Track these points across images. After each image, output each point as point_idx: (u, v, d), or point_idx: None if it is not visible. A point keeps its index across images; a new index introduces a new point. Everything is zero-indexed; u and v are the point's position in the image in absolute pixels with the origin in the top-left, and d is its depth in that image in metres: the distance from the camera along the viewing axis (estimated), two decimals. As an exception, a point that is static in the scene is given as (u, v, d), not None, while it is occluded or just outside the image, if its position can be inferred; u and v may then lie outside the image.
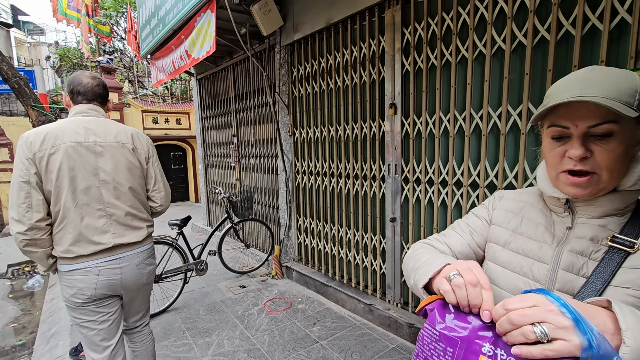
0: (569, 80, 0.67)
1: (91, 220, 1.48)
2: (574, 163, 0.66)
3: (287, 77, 3.67)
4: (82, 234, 1.46)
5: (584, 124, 0.64)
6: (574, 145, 0.65)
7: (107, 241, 1.50)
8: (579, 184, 0.66)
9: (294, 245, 3.90)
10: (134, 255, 1.60)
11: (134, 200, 1.61)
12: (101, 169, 1.51)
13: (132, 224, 1.60)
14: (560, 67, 1.81)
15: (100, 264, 1.50)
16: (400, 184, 2.65)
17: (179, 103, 9.95)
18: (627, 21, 1.57)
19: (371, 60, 2.78)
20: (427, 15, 2.34)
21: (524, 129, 1.94)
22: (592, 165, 0.65)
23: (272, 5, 3.40)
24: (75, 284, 1.47)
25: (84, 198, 1.47)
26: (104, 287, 1.52)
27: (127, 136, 1.61)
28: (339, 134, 3.16)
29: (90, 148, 1.49)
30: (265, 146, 4.26)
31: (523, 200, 0.86)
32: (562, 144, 0.68)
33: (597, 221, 0.71)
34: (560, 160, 0.68)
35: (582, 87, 0.63)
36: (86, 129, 1.50)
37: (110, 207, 1.53)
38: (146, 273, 1.68)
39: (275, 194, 4.18)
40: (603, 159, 0.64)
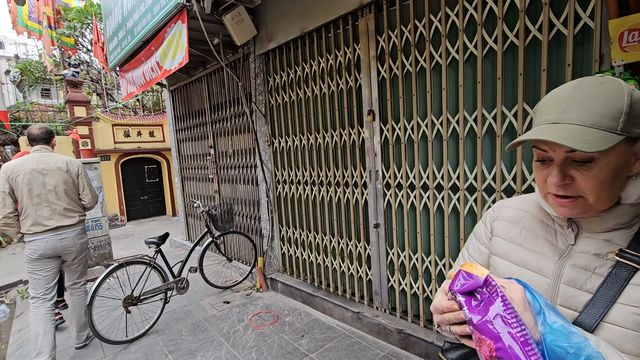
0: (553, 97, 0.65)
1: (42, 212, 2.56)
2: (556, 189, 0.65)
3: (263, 86, 3.63)
4: (37, 220, 2.54)
5: (561, 149, 0.62)
6: (552, 172, 0.65)
7: (51, 224, 2.58)
8: (565, 205, 0.66)
9: (278, 256, 3.83)
10: (69, 232, 2.66)
11: (69, 200, 2.68)
12: (47, 183, 2.59)
13: (68, 215, 2.66)
14: (530, 71, 1.88)
15: (47, 237, 2.56)
16: (382, 189, 2.65)
17: (151, 115, 9.67)
18: (590, 26, 1.65)
19: (347, 67, 2.80)
20: (400, 24, 2.37)
21: (499, 131, 1.99)
22: (575, 190, 0.64)
23: (245, 15, 3.37)
24: (33, 247, 2.53)
25: (36, 199, 2.54)
26: (50, 250, 2.57)
27: (63, 163, 2.68)
28: (318, 141, 3.14)
29: (40, 171, 2.58)
30: (244, 156, 4.18)
31: (524, 209, 0.83)
32: (545, 167, 0.67)
33: (601, 235, 0.68)
34: (544, 182, 0.68)
35: (563, 109, 0.62)
36: (37, 160, 2.59)
37: (53, 205, 2.60)
38: (78, 243, 2.72)
39: (256, 205, 4.10)
40: (585, 184, 0.62)
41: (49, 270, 2.59)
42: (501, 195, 2.02)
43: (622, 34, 1.51)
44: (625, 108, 0.57)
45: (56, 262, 2.64)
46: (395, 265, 2.65)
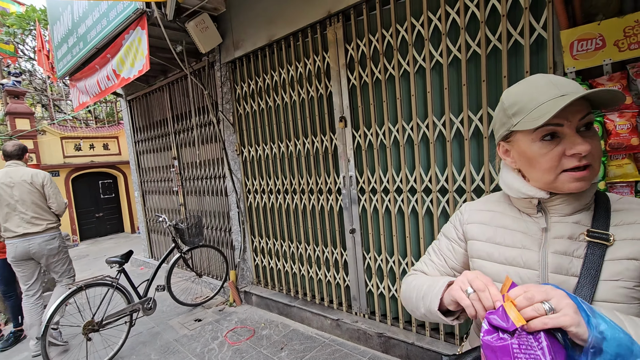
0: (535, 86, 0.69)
1: (12, 220, 2.85)
2: (579, 159, 0.66)
3: (231, 94, 3.55)
4: (7, 227, 2.84)
5: (576, 117, 0.66)
6: (576, 141, 0.66)
7: (20, 231, 2.84)
8: (583, 177, 0.67)
9: (251, 268, 3.73)
10: (37, 238, 2.90)
11: (36, 209, 2.92)
12: (14, 194, 2.85)
13: (35, 222, 2.90)
14: (492, 78, 2.00)
15: (17, 242, 2.84)
16: (356, 195, 2.68)
17: (105, 127, 9.10)
18: (544, 36, 1.80)
19: (317, 75, 2.82)
20: (368, 33, 2.44)
21: (467, 135, 2.09)
22: (591, 159, 0.67)
23: (210, 22, 3.29)
24: (8, 250, 2.86)
25: (6, 209, 2.84)
26: (20, 254, 2.85)
27: (27, 176, 2.92)
28: (289, 149, 3.12)
29: (7, 184, 2.85)
30: (212, 167, 4.05)
31: (491, 209, 0.87)
32: (555, 144, 0.68)
33: (570, 218, 0.73)
34: (558, 161, 0.68)
35: (560, 89, 0.66)
36: (7, 174, 2.88)
37: (21, 214, 2.86)
38: (47, 249, 2.93)
39: (226, 216, 3.97)
40: (594, 149, 0.67)
41: (25, 271, 2.94)
42: (471, 196, 2.12)
43: (572, 44, 1.66)
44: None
45: (31, 264, 2.95)
46: (372, 270, 2.67)
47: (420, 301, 0.82)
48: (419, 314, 0.84)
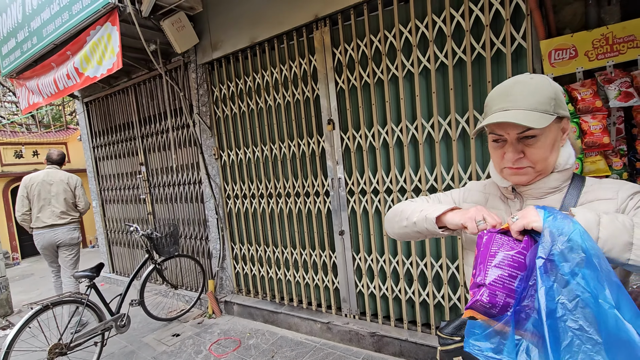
0: (499, 93, 0.85)
1: (45, 212, 3.43)
2: (512, 163, 0.85)
3: (208, 97, 3.43)
4: (39, 218, 3.41)
5: (514, 132, 0.82)
6: (509, 150, 0.84)
7: (49, 222, 3.42)
8: (518, 172, 0.86)
9: (231, 277, 3.59)
10: (62, 228, 3.48)
11: (66, 206, 3.52)
12: (52, 191, 3.46)
13: (62, 217, 3.49)
14: (476, 83, 2.14)
15: (45, 232, 3.43)
16: (345, 196, 2.71)
17: (51, 132, 8.31)
18: (523, 46, 1.97)
19: (303, 78, 2.82)
20: (356, 37, 2.50)
21: (454, 136, 2.21)
22: (526, 162, 0.84)
23: (186, 21, 3.18)
24: (36, 238, 3.45)
25: (42, 202, 3.42)
26: (48, 241, 3.45)
27: (65, 177, 3.57)
28: (274, 153, 3.08)
29: (48, 182, 3.47)
30: (186, 172, 3.86)
31: (487, 192, 1.03)
32: (501, 147, 0.87)
33: (540, 202, 0.88)
34: (501, 159, 0.87)
35: (508, 102, 0.81)
36: (48, 175, 3.51)
37: (54, 207, 3.45)
38: (69, 237, 3.51)
39: (203, 224, 3.80)
40: (532, 156, 0.83)
41: (51, 257, 3.57)
42: (459, 193, 2.24)
43: (550, 53, 1.84)
44: (553, 94, 0.80)
45: (54, 251, 3.54)
46: (362, 270, 2.71)
47: (417, 212, 0.98)
48: (405, 223, 1.02)
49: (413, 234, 1.01)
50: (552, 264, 0.65)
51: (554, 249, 0.65)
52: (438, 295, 2.41)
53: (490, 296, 0.72)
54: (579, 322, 0.62)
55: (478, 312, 0.75)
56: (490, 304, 0.72)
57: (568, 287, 0.63)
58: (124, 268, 4.96)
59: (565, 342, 0.62)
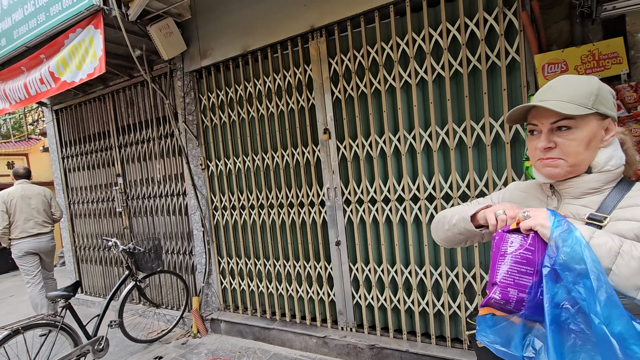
0: (544, 87, 0.90)
1: (28, 224, 3.66)
2: (544, 153, 0.87)
3: (195, 105, 3.33)
4: (25, 229, 3.64)
5: (547, 121, 0.85)
6: (540, 139, 0.87)
7: (34, 232, 3.68)
8: (549, 164, 0.87)
9: (218, 293, 3.42)
10: (45, 237, 3.77)
11: (46, 216, 3.82)
12: (32, 204, 3.72)
13: (44, 225, 3.78)
14: (472, 93, 2.22)
15: (30, 240, 3.66)
16: (342, 206, 2.68)
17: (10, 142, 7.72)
18: (517, 59, 2.07)
19: (298, 87, 2.80)
20: (353, 48, 2.53)
21: (452, 145, 2.27)
22: (558, 153, 0.85)
23: (174, 28, 3.09)
24: (20, 247, 3.62)
25: (25, 215, 3.66)
26: (31, 249, 3.66)
27: (41, 190, 3.87)
28: (266, 162, 3.01)
29: (27, 196, 3.73)
30: (169, 183, 3.69)
31: (527, 191, 1.04)
32: (536, 138, 0.89)
33: (578, 201, 0.88)
34: (535, 151, 0.90)
35: (546, 94, 0.87)
36: (23, 189, 3.74)
37: (36, 218, 3.72)
38: (50, 245, 3.83)
39: (187, 237, 3.62)
40: (564, 147, 0.85)
41: (33, 262, 3.69)
42: (458, 201, 2.28)
43: (543, 66, 1.95)
44: (595, 91, 0.83)
45: (36, 257, 3.72)
46: (360, 281, 2.66)
47: (457, 214, 1.01)
48: (447, 226, 1.05)
49: (455, 236, 1.02)
50: (557, 272, 0.70)
51: (558, 259, 0.70)
52: (438, 303, 2.41)
53: (502, 293, 0.76)
54: (580, 325, 0.68)
55: (494, 309, 0.80)
56: (504, 300, 0.76)
57: (571, 295, 0.69)
58: (95, 287, 4.60)
59: (568, 342, 0.68)
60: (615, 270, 0.71)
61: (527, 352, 0.73)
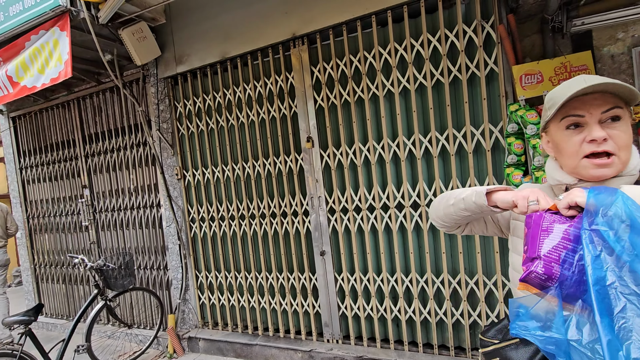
0: (567, 85, 0.80)
1: None
2: (597, 145, 0.75)
3: (170, 113, 3.19)
4: None
5: (598, 110, 0.75)
6: (594, 129, 0.75)
7: None
8: (605, 164, 0.76)
9: (195, 309, 3.25)
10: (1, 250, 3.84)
11: (2, 231, 3.85)
12: None
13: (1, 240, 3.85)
14: (453, 102, 2.27)
15: None
16: (326, 215, 2.64)
17: (-42, 151, 7.05)
18: (495, 70, 2.14)
19: (279, 95, 2.76)
20: (335, 57, 2.52)
21: (435, 152, 2.30)
22: (612, 147, 0.75)
23: (148, 32, 2.96)
24: None
25: None
26: None
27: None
28: (246, 171, 2.92)
29: None
30: (142, 194, 3.49)
31: None
32: (578, 132, 0.78)
33: None
34: (579, 147, 0.77)
35: (587, 82, 0.75)
36: None
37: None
38: (4, 259, 3.83)
39: (161, 252, 3.43)
40: (618, 139, 0.75)
41: None
42: (442, 208, 2.30)
43: (521, 77, 2.02)
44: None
45: None
46: (345, 291, 2.62)
47: (465, 191, 0.93)
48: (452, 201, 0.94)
49: (458, 213, 0.94)
50: (597, 233, 0.64)
51: (598, 219, 0.65)
52: (424, 311, 2.41)
53: (546, 267, 0.70)
54: (630, 286, 0.61)
55: (532, 286, 0.73)
56: (546, 275, 0.70)
57: (615, 254, 0.62)
58: (58, 309, 4.25)
59: (618, 307, 0.61)
60: None
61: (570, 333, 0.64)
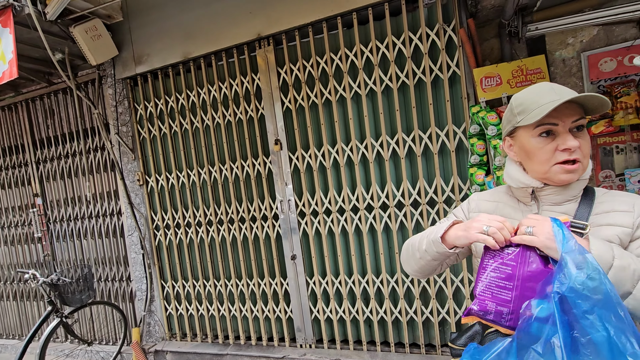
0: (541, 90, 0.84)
1: None
2: (569, 153, 0.81)
3: (130, 115, 3.03)
4: None
5: (569, 119, 0.81)
6: (568, 138, 0.80)
7: None
8: (573, 170, 0.82)
9: (162, 321, 3.10)
10: None
11: None
12: None
13: None
14: (418, 104, 2.31)
15: None
16: (296, 219, 2.60)
17: None
18: (457, 73, 2.20)
19: (245, 97, 2.69)
20: (302, 58, 2.49)
21: (402, 154, 2.32)
22: (579, 154, 0.82)
23: (103, 30, 2.79)
24: None
25: None
26: None
27: None
28: (213, 175, 2.83)
29: None
30: (100, 202, 3.29)
31: (496, 200, 1.00)
32: (550, 140, 0.83)
33: (558, 208, 0.88)
34: (552, 154, 0.82)
35: (558, 94, 0.80)
36: None
37: None
38: None
39: (123, 262, 3.25)
40: (584, 148, 0.82)
41: None
42: (410, 209, 2.34)
43: (481, 79, 2.09)
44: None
45: None
46: (317, 294, 2.60)
47: (424, 239, 0.95)
48: (418, 254, 0.97)
49: (430, 264, 0.96)
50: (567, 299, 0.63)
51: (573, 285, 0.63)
52: (395, 311, 2.44)
53: (480, 305, 0.77)
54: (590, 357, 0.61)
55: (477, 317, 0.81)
56: (482, 311, 0.77)
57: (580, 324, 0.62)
58: (7, 328, 3.92)
59: None
60: (636, 294, 0.68)
61: None
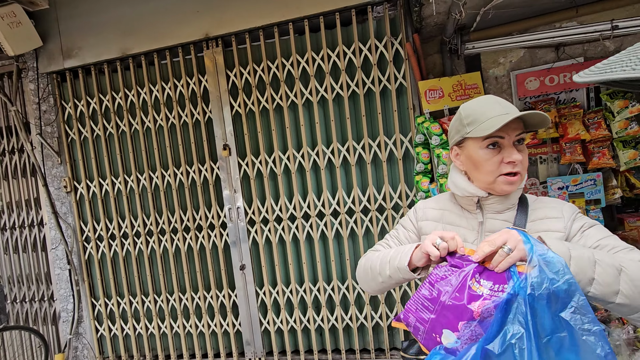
0: (487, 103, 0.89)
1: None
2: (513, 166, 0.87)
3: (57, 114, 2.71)
4: None
5: (513, 133, 0.87)
6: (512, 151, 0.87)
7: None
8: (514, 181, 0.88)
9: (92, 343, 2.78)
10: None
11: None
12: None
13: None
14: (368, 113, 2.36)
15: None
16: (245, 227, 2.51)
17: None
18: (404, 84, 2.29)
19: (191, 99, 2.55)
20: (252, 62, 2.43)
21: (352, 161, 2.36)
22: (520, 167, 0.88)
23: (24, 17, 2.48)
24: None
25: None
26: None
27: None
28: (154, 182, 2.63)
29: None
30: (17, 212, 2.88)
31: (441, 207, 1.03)
32: (496, 152, 0.88)
33: (500, 216, 0.93)
34: (498, 166, 0.88)
35: (506, 108, 0.87)
36: None
37: None
38: None
39: (45, 279, 2.86)
40: (524, 161, 0.89)
41: None
42: (360, 215, 2.37)
43: (426, 92, 2.20)
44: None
45: None
46: (267, 305, 2.51)
47: (387, 264, 0.94)
48: (381, 279, 0.96)
49: (391, 286, 0.97)
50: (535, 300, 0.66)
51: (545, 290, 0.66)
52: (346, 317, 2.44)
53: (405, 315, 0.83)
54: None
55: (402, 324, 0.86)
56: (405, 322, 0.84)
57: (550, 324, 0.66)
58: None
59: None
60: (598, 279, 0.72)
61: None
